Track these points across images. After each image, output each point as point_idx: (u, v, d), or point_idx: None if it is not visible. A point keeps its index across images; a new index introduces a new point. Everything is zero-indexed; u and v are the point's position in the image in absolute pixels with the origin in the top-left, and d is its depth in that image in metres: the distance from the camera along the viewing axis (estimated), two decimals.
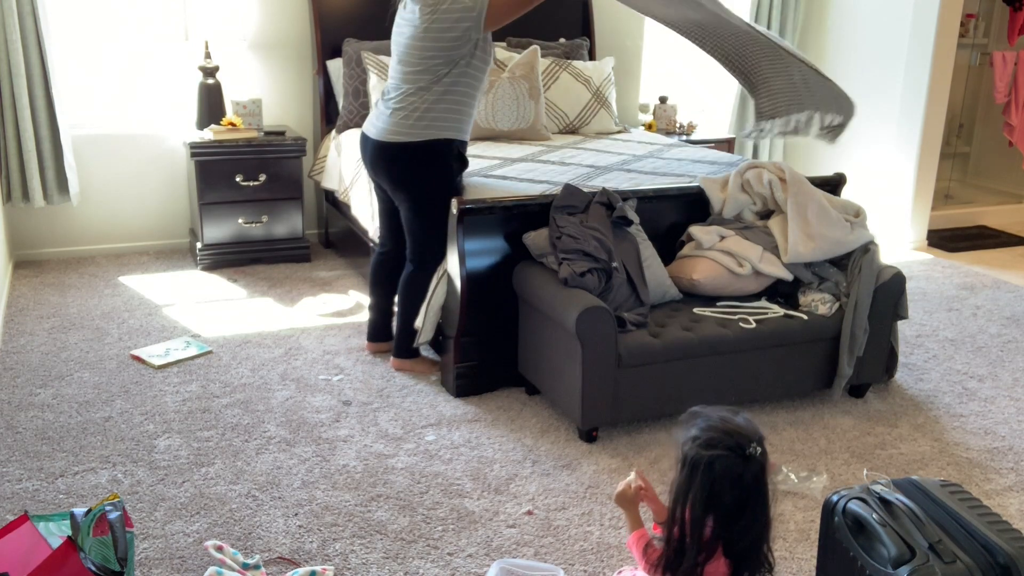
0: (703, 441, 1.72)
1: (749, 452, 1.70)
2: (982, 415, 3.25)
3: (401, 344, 3.44)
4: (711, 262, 3.21)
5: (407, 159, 3.18)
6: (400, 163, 3.19)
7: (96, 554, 1.89)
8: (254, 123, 4.75)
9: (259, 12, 4.81)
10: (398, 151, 3.17)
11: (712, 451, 1.70)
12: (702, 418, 1.77)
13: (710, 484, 1.70)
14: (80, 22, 4.60)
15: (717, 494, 1.70)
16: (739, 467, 1.69)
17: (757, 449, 1.71)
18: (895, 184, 5.45)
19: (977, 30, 6.21)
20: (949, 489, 1.95)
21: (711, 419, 1.76)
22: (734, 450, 1.70)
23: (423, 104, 3.12)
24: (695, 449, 1.72)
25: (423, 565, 2.31)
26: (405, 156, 3.17)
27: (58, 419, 3.02)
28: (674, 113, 5.61)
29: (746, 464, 1.70)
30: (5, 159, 4.42)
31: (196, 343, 3.66)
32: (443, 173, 3.22)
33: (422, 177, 3.21)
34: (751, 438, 1.72)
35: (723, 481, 1.69)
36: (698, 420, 1.77)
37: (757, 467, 1.71)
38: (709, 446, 1.71)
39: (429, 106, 3.11)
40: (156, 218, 4.91)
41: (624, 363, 2.87)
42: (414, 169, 3.19)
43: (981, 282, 4.79)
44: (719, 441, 1.71)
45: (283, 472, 2.73)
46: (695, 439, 1.73)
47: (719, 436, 1.71)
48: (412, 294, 3.34)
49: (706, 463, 1.70)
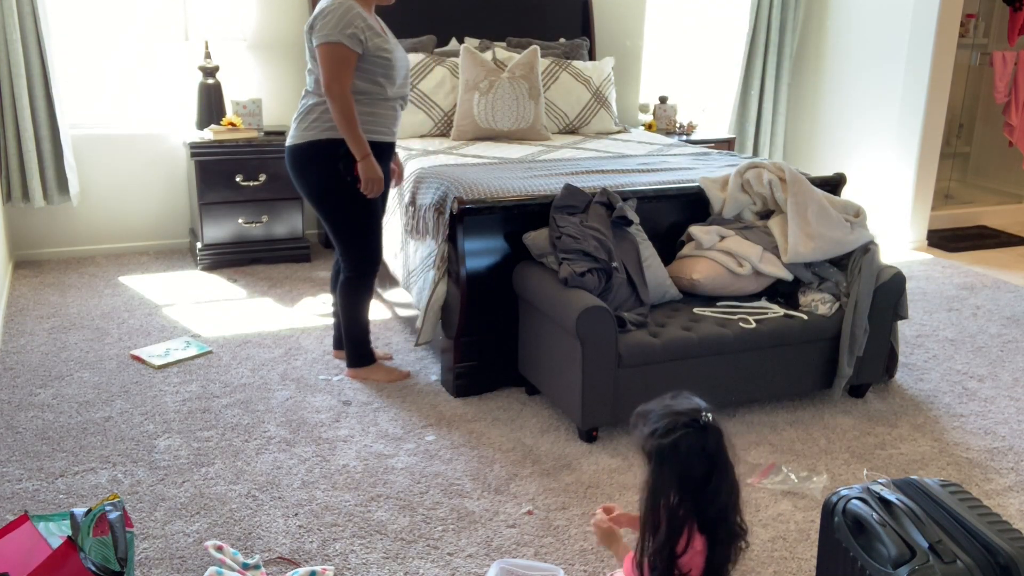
0: (661, 430, 1.79)
1: (703, 422, 1.79)
2: (982, 415, 3.25)
3: (351, 352, 3.37)
4: (711, 262, 3.21)
5: (291, 162, 3.18)
6: (290, 167, 3.19)
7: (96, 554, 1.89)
8: (254, 123, 4.75)
9: (259, 12, 4.81)
10: (287, 155, 3.19)
11: (671, 436, 1.77)
12: (648, 413, 1.86)
13: (680, 465, 1.78)
14: (80, 22, 4.60)
15: (687, 472, 1.78)
16: (700, 439, 1.78)
17: (709, 416, 1.80)
18: (895, 184, 5.45)
19: (977, 30, 6.21)
20: (949, 489, 1.95)
21: (657, 410, 1.84)
22: (689, 425, 1.78)
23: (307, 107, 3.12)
24: (656, 441, 1.79)
25: (423, 565, 2.31)
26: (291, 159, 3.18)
27: (58, 419, 3.02)
28: (674, 113, 5.61)
29: (705, 434, 1.78)
30: (5, 159, 4.42)
31: (196, 343, 3.66)
32: (328, 175, 3.11)
33: (309, 181, 3.16)
34: (699, 409, 1.81)
35: (690, 457, 1.77)
36: (647, 416, 1.85)
37: (716, 433, 1.80)
38: (668, 432, 1.78)
39: (310, 108, 3.11)
40: (156, 218, 4.91)
41: (624, 363, 2.87)
42: (301, 172, 3.16)
43: (981, 282, 4.79)
44: (672, 424, 1.79)
45: (283, 472, 2.73)
46: (653, 433, 1.81)
47: (671, 418, 1.79)
48: (346, 302, 3.28)
49: (670, 447, 1.77)
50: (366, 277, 3.26)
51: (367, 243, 3.21)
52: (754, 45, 5.79)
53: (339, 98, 2.97)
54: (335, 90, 2.96)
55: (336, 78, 2.96)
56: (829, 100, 5.88)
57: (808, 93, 6.03)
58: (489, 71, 4.47)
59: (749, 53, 5.79)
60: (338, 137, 3.04)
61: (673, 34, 5.89)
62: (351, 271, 3.24)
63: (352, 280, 3.26)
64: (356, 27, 2.96)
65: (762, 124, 5.96)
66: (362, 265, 3.24)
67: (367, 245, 3.21)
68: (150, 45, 4.73)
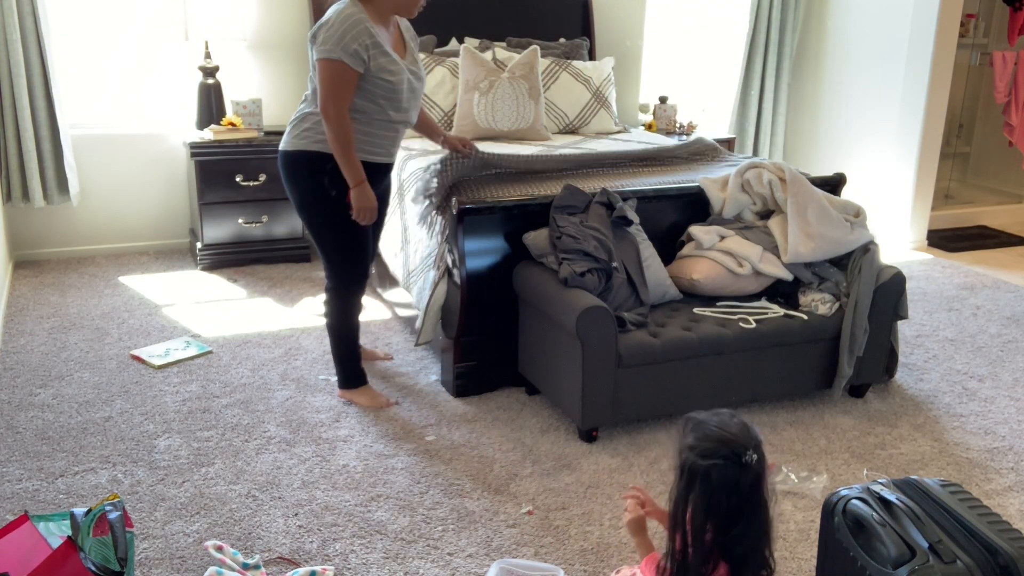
0: (700, 451, 1.71)
1: (745, 460, 1.69)
2: (982, 415, 3.25)
3: (338, 370, 3.22)
4: (711, 262, 3.21)
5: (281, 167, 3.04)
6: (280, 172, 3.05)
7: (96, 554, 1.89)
8: (254, 123, 4.75)
9: (259, 12, 4.81)
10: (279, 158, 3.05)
11: (708, 461, 1.69)
12: (699, 425, 1.77)
13: (708, 493, 1.70)
14: (80, 22, 4.60)
15: (715, 502, 1.70)
16: (735, 475, 1.69)
17: (753, 457, 1.70)
18: (895, 184, 5.45)
19: (977, 30, 6.21)
20: (949, 489, 1.95)
21: (707, 427, 1.75)
22: (730, 459, 1.69)
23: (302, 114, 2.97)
24: (692, 458, 1.72)
25: (423, 565, 2.31)
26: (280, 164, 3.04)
27: (58, 419, 3.02)
28: (674, 113, 5.60)
29: (742, 472, 1.69)
30: (5, 159, 4.42)
31: (196, 343, 3.66)
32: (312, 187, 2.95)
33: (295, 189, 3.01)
34: (747, 446, 1.71)
35: (720, 490, 1.69)
36: (695, 427, 1.77)
37: (753, 475, 1.71)
38: (705, 456, 1.70)
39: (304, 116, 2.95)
40: (156, 218, 4.91)
41: (624, 363, 2.87)
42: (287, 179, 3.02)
43: (981, 282, 4.79)
44: (714, 451, 1.70)
45: (283, 472, 2.73)
46: (692, 448, 1.73)
47: (715, 445, 1.71)
48: (328, 313, 3.13)
49: (703, 473, 1.70)
50: (349, 292, 3.10)
51: (350, 258, 3.05)
52: (754, 45, 5.79)
53: (334, 120, 2.78)
54: (331, 111, 2.78)
55: (332, 98, 2.77)
56: (829, 100, 5.88)
57: (808, 93, 6.03)
58: (489, 71, 4.47)
59: (749, 53, 5.79)
60: (327, 152, 2.87)
61: (673, 34, 5.89)
62: (333, 282, 3.09)
63: (333, 291, 3.10)
64: (360, 43, 2.74)
65: (762, 124, 5.96)
66: (344, 279, 3.08)
67: (349, 260, 3.05)
68: (150, 45, 4.73)
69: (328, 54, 2.74)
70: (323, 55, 2.75)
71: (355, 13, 2.76)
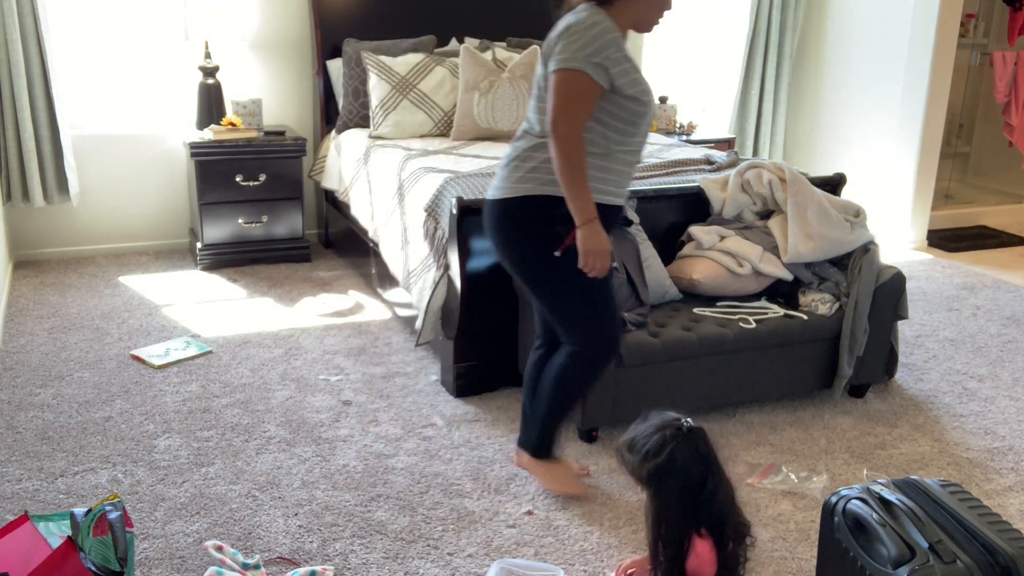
0: (653, 449, 1.85)
1: (686, 427, 1.88)
2: (982, 415, 3.25)
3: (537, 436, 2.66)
4: (711, 262, 3.21)
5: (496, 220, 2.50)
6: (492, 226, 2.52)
7: (96, 554, 1.89)
8: (254, 123, 4.75)
9: (259, 12, 4.81)
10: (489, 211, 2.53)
11: (665, 450, 1.84)
12: (631, 444, 1.92)
13: (680, 476, 1.84)
14: (80, 22, 4.60)
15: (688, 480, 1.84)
16: (692, 443, 1.85)
17: (687, 420, 1.89)
18: (895, 184, 5.45)
19: (977, 30, 6.21)
20: (949, 489, 1.95)
21: (637, 438, 1.90)
22: (677, 435, 1.85)
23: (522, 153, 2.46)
24: (651, 462, 1.85)
25: (423, 565, 2.31)
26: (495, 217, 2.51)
27: (58, 419, 3.02)
28: (674, 113, 5.60)
29: (693, 437, 1.87)
30: (5, 159, 4.42)
31: (196, 343, 3.66)
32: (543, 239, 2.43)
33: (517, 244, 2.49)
34: (676, 419, 1.89)
35: (688, 464, 1.84)
36: (629, 448, 1.92)
37: (701, 434, 1.89)
38: (660, 449, 1.84)
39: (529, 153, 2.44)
40: (156, 218, 4.91)
41: (624, 363, 2.87)
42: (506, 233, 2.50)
43: (981, 282, 4.79)
44: (660, 441, 1.85)
45: (283, 472, 2.73)
46: (646, 456, 1.86)
47: (658, 437, 1.86)
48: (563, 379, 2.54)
49: (666, 462, 1.84)
50: (603, 357, 2.54)
51: (602, 312, 2.48)
52: (754, 45, 5.79)
53: (565, 139, 2.28)
54: (562, 128, 2.28)
55: (566, 113, 2.28)
56: (829, 100, 5.88)
57: (808, 93, 6.03)
58: (489, 71, 4.47)
59: (749, 53, 5.79)
60: (560, 195, 2.34)
61: (673, 34, 5.89)
62: (584, 348, 2.50)
63: (580, 357, 2.51)
64: (609, 57, 2.29)
65: (762, 124, 5.96)
66: (599, 340, 2.50)
67: (601, 313, 2.47)
68: (150, 45, 4.73)
69: (567, 63, 2.28)
70: (562, 64, 2.29)
71: (602, 21, 2.31)
